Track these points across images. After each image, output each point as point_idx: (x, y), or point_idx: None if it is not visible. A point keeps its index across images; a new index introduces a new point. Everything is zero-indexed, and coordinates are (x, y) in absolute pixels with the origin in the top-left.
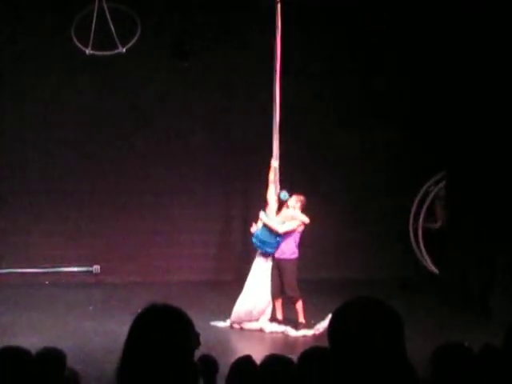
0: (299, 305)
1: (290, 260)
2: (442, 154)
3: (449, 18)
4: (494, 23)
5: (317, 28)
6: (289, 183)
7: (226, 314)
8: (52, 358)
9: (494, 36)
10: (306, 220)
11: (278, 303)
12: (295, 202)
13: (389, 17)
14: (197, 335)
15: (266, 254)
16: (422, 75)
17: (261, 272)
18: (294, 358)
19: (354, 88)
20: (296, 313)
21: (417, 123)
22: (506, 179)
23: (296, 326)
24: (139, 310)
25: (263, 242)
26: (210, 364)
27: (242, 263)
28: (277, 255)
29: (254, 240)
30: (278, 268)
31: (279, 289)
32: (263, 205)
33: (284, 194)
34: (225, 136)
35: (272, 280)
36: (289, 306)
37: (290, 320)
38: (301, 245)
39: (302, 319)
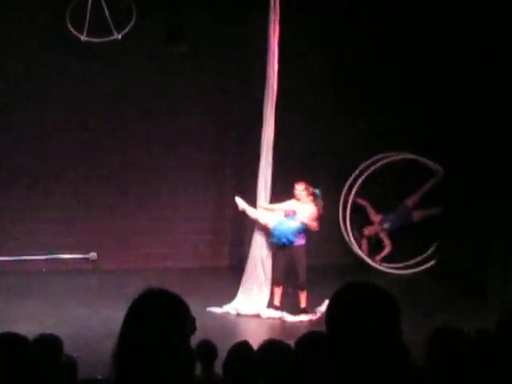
0: (304, 291)
1: (304, 246)
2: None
3: (451, 16)
4: (495, 20)
5: (316, 15)
6: (284, 173)
7: (222, 299)
8: (48, 344)
9: (496, 34)
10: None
11: (279, 289)
12: (306, 194)
13: (388, 15)
14: (193, 320)
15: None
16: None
17: (266, 259)
18: (291, 343)
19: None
20: (300, 298)
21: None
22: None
23: (301, 311)
24: (135, 296)
25: (286, 236)
26: (208, 349)
27: (237, 249)
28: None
29: (276, 239)
30: (292, 255)
31: (285, 275)
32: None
33: (318, 191)
34: (220, 123)
35: (276, 266)
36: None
37: (287, 305)
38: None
39: (304, 304)
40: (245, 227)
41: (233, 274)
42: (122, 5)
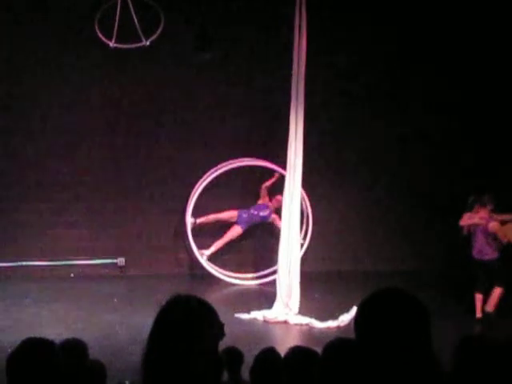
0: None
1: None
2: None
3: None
4: None
5: (343, 18)
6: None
7: (249, 306)
8: (73, 348)
9: None
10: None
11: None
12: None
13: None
14: (221, 325)
15: None
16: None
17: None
18: (319, 349)
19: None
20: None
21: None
22: None
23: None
24: (163, 301)
25: None
26: (235, 355)
27: (264, 257)
28: (479, 256)
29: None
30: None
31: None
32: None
33: None
34: (248, 127)
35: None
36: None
37: (315, 311)
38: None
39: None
40: (272, 234)
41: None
42: (151, 12)
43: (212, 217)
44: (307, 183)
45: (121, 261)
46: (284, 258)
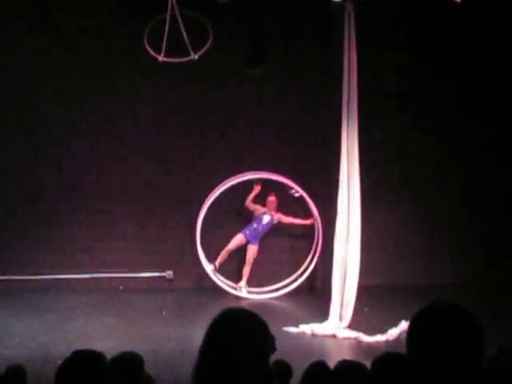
0: None
1: None
2: None
3: None
4: None
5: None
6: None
7: (298, 319)
8: (130, 362)
9: None
10: None
11: None
12: None
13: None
14: (272, 339)
15: None
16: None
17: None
18: (367, 363)
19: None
20: None
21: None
22: None
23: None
24: (216, 315)
25: None
26: (284, 369)
27: (314, 269)
28: None
29: None
30: None
31: None
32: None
33: None
34: (297, 143)
35: None
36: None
37: (362, 325)
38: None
39: None
40: (324, 246)
41: (309, 294)
42: (199, 25)
43: (224, 253)
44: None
45: (169, 274)
46: (338, 271)
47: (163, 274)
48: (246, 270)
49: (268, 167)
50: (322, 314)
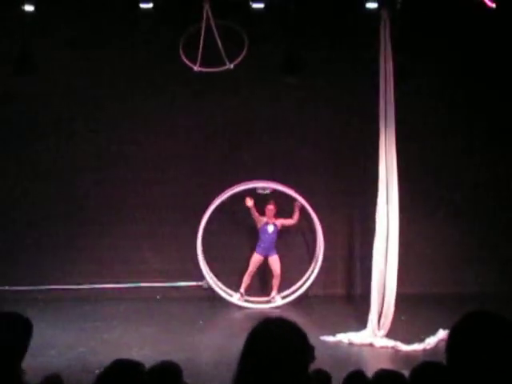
0: None
1: None
2: None
3: None
4: None
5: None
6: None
7: (335, 328)
8: (168, 371)
9: None
10: None
11: None
12: None
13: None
14: (312, 348)
15: None
16: None
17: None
18: (406, 372)
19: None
20: None
21: None
22: None
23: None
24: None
25: None
26: (323, 378)
27: (351, 277)
28: None
29: None
30: None
31: None
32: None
33: None
34: (335, 151)
35: None
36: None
37: (400, 334)
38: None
39: None
40: (362, 254)
41: (346, 302)
42: (234, 35)
43: (246, 277)
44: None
45: (206, 283)
46: (376, 280)
47: (200, 283)
48: (276, 282)
49: (302, 178)
50: (359, 322)
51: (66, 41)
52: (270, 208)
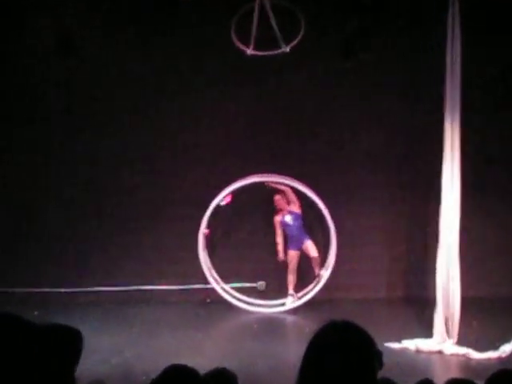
0: None
1: None
2: None
3: None
4: None
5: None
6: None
7: (398, 333)
8: (223, 379)
9: None
10: None
11: None
12: None
13: None
14: (380, 354)
15: None
16: None
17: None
18: (479, 383)
19: None
20: None
21: None
22: None
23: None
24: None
25: None
26: None
27: (416, 278)
28: None
29: None
30: None
31: None
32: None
33: None
34: (399, 143)
35: None
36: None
37: (472, 341)
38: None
39: None
40: (424, 254)
41: (409, 306)
42: (290, 16)
43: (290, 276)
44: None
45: (261, 284)
46: (441, 282)
47: (254, 284)
48: (316, 263)
49: (356, 171)
50: (423, 327)
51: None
52: (278, 198)
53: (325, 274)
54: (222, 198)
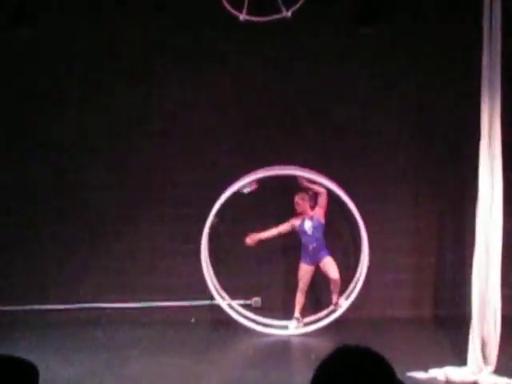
0: None
1: None
2: None
3: None
4: None
5: None
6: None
7: (426, 361)
8: None
9: None
10: None
11: None
12: None
13: None
14: None
15: None
16: None
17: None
18: None
19: None
20: None
21: None
22: None
23: None
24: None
25: None
26: None
27: (445, 293)
28: None
29: None
30: None
31: None
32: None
33: None
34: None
35: None
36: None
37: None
38: None
39: None
40: (458, 264)
41: (440, 326)
42: None
43: (299, 297)
44: None
45: (256, 301)
46: (478, 298)
47: (248, 301)
48: (335, 287)
49: (380, 163)
50: (455, 353)
51: None
52: (300, 199)
53: (344, 303)
54: (247, 184)
